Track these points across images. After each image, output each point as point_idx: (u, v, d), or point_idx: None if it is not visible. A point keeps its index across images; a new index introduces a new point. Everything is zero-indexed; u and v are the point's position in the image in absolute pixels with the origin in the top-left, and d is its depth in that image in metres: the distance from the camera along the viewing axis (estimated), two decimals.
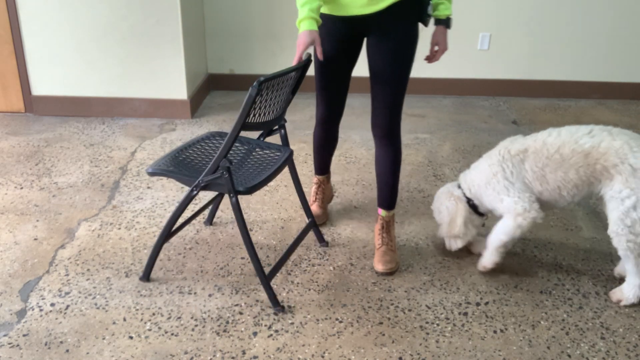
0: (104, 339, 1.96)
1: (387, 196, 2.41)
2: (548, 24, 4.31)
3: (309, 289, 2.23)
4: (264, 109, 2.00)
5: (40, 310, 2.09)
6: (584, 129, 2.12)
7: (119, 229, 2.61)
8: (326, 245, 2.50)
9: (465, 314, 2.11)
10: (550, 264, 2.41)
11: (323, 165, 2.65)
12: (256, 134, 2.31)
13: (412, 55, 2.21)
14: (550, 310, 2.14)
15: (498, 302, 2.17)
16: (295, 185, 2.40)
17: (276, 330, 2.01)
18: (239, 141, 2.33)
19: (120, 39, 3.75)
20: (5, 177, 3.07)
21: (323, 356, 1.91)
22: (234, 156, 2.24)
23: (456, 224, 2.32)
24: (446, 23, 2.25)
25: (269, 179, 2.09)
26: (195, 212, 2.48)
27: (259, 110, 1.96)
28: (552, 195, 2.17)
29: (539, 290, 2.25)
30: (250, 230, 2.61)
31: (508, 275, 2.33)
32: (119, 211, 2.76)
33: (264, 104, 1.97)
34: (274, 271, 2.16)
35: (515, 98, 4.51)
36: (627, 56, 4.39)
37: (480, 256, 2.40)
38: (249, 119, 1.92)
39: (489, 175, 2.22)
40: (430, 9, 2.19)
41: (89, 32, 3.74)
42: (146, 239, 2.54)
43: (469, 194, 2.32)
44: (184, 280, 2.26)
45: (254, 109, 1.92)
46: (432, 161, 3.36)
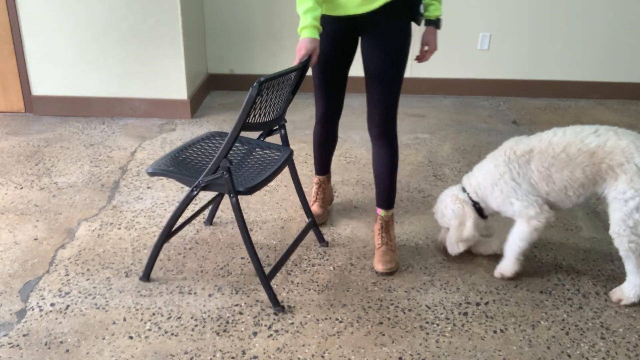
0: (104, 339, 1.96)
1: (386, 196, 2.41)
2: (548, 24, 4.31)
3: (309, 289, 2.23)
4: (264, 109, 2.00)
5: (40, 310, 2.09)
6: (590, 129, 2.12)
7: (119, 229, 2.61)
8: (326, 245, 2.50)
9: (465, 314, 2.11)
10: (550, 264, 2.41)
11: (323, 165, 2.65)
12: (256, 134, 2.31)
13: (406, 54, 2.23)
14: (550, 310, 2.14)
15: (498, 302, 2.17)
16: (295, 185, 2.40)
17: (276, 330, 2.01)
18: (239, 141, 2.33)
19: (120, 39, 3.75)
20: (5, 177, 3.07)
21: (323, 356, 1.91)
22: (234, 156, 2.24)
23: (466, 227, 2.28)
24: (436, 24, 2.29)
25: (269, 179, 2.09)
26: (195, 212, 2.48)
27: (259, 110, 1.96)
28: (559, 195, 2.16)
29: (539, 290, 2.25)
30: (250, 230, 2.61)
31: None
32: (119, 211, 2.76)
33: (264, 104, 1.97)
34: (274, 271, 2.16)
35: (515, 98, 4.51)
36: (627, 56, 4.39)
37: (480, 256, 2.39)
38: (249, 119, 1.92)
39: (496, 177, 2.20)
40: (423, 7, 2.21)
41: (89, 32, 3.74)
42: (146, 239, 2.54)
43: (475, 197, 2.29)
44: (184, 280, 2.26)
45: (254, 109, 1.92)
46: (432, 161, 3.36)
